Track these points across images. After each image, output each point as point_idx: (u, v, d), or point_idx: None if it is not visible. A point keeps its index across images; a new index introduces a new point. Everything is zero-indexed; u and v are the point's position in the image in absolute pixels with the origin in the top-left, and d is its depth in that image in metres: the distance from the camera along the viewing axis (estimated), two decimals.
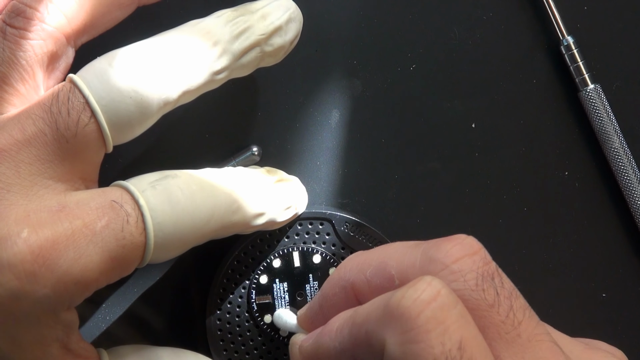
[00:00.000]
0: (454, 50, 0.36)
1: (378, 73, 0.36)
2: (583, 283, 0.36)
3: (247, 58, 0.30)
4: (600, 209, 0.36)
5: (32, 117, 0.27)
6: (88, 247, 0.26)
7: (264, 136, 0.35)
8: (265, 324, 0.34)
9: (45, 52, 0.28)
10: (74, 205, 0.27)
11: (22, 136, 0.27)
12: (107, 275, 0.27)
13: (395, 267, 0.25)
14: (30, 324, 0.26)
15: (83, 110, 0.27)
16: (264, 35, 0.30)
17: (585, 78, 0.35)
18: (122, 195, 0.28)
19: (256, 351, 0.34)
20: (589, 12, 0.36)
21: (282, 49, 0.31)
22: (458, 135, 0.36)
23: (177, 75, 0.28)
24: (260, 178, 0.32)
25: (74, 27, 0.29)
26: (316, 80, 0.35)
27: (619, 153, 0.35)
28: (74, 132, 0.27)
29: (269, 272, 0.34)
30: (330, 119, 0.36)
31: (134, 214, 0.27)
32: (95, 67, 0.28)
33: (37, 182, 0.27)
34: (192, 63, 0.29)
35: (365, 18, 0.35)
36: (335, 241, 0.34)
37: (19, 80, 0.28)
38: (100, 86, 0.27)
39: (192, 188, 0.29)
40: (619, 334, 0.36)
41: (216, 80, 0.30)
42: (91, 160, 0.28)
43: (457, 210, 0.36)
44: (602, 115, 0.35)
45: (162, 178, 0.29)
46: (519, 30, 0.36)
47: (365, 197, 0.36)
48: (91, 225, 0.26)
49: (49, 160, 0.27)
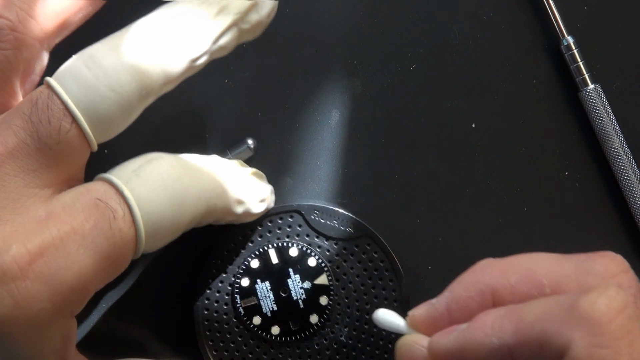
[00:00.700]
0: (454, 50, 0.36)
1: (378, 73, 0.36)
2: None
3: (225, 39, 0.29)
4: (600, 209, 0.36)
5: (12, 128, 0.26)
6: (79, 252, 0.26)
7: (264, 136, 0.35)
8: (255, 326, 0.33)
9: (19, 61, 0.28)
10: (61, 210, 0.26)
11: (3, 149, 0.26)
12: (103, 275, 0.27)
13: (546, 276, 0.25)
14: (29, 339, 0.26)
15: (63, 117, 0.26)
16: (240, 13, 0.29)
17: (585, 78, 0.35)
18: (106, 191, 0.27)
19: (251, 355, 0.34)
20: (589, 12, 0.36)
21: (259, 25, 0.30)
22: (458, 135, 0.36)
23: (156, 66, 0.28)
24: (237, 168, 0.32)
25: (46, 30, 0.28)
26: (316, 80, 0.35)
27: (619, 153, 0.35)
28: (56, 139, 0.26)
29: (249, 274, 0.33)
30: (330, 119, 0.36)
31: (119, 209, 0.27)
32: (71, 68, 0.27)
33: (24, 193, 0.26)
34: (171, 51, 0.28)
35: (365, 18, 0.35)
36: (308, 231, 0.34)
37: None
38: (78, 89, 0.27)
39: (178, 170, 0.28)
40: None
41: (196, 66, 0.29)
42: (77, 162, 0.28)
43: (457, 210, 0.36)
44: (602, 115, 0.35)
45: (146, 163, 0.28)
46: (519, 30, 0.36)
47: (365, 197, 0.36)
48: (79, 229, 0.26)
49: (34, 169, 0.27)
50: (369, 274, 0.34)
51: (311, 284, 0.33)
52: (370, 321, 0.34)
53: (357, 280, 0.34)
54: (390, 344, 0.34)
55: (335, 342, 0.34)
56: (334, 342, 0.34)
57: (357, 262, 0.34)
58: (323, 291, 0.34)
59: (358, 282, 0.34)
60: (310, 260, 0.34)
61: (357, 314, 0.34)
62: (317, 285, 0.34)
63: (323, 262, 0.34)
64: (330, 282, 0.34)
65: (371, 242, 0.34)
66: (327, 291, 0.34)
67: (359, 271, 0.34)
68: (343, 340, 0.34)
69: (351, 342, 0.34)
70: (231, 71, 0.35)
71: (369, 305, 0.34)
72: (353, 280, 0.34)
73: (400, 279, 0.34)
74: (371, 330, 0.34)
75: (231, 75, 0.35)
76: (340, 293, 0.34)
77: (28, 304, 0.25)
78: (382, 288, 0.34)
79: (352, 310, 0.34)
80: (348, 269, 0.34)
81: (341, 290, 0.34)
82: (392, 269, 0.34)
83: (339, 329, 0.34)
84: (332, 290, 0.34)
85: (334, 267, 0.34)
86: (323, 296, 0.34)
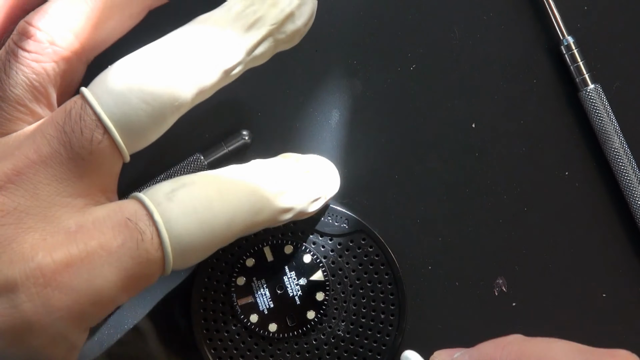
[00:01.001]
0: (454, 50, 0.36)
1: (378, 73, 0.36)
2: (583, 283, 0.36)
3: (261, 49, 0.29)
4: (600, 209, 0.36)
5: (46, 137, 0.27)
6: (103, 268, 0.26)
7: (264, 136, 0.35)
8: (253, 324, 0.34)
9: (57, 74, 0.28)
10: (91, 224, 0.27)
11: (37, 157, 0.27)
12: (127, 292, 0.27)
13: None
14: (39, 345, 0.26)
15: (96, 127, 0.27)
16: (276, 24, 0.29)
17: (585, 78, 0.35)
18: (136, 212, 0.27)
19: (250, 352, 0.34)
20: (589, 12, 0.36)
21: (296, 34, 0.30)
22: (458, 135, 0.36)
23: (188, 77, 0.28)
24: (287, 171, 0.31)
25: (84, 44, 0.29)
26: (316, 80, 0.35)
27: (619, 153, 0.35)
28: (88, 149, 0.27)
29: (244, 273, 0.34)
30: (330, 119, 0.36)
31: (148, 231, 0.27)
32: (105, 80, 0.28)
33: (56, 202, 0.27)
34: (203, 63, 0.28)
35: (365, 18, 0.35)
36: (303, 228, 0.34)
37: (34, 101, 0.28)
38: (111, 100, 0.27)
39: (209, 195, 0.28)
40: (619, 334, 0.36)
41: (231, 76, 0.29)
42: (109, 172, 0.28)
43: (457, 210, 0.36)
44: (602, 115, 0.35)
45: (179, 187, 0.28)
46: (519, 30, 0.36)
47: (365, 197, 0.36)
48: (107, 246, 0.26)
49: (66, 178, 0.27)
50: (365, 268, 0.34)
51: (307, 280, 0.34)
52: (367, 315, 0.34)
53: (352, 274, 0.34)
54: (388, 336, 0.34)
55: (333, 337, 0.34)
56: (332, 337, 0.34)
57: (352, 257, 0.34)
58: (319, 287, 0.34)
59: (354, 276, 0.34)
60: (305, 257, 0.34)
61: (353, 308, 0.34)
62: (313, 281, 0.34)
63: (318, 258, 0.34)
64: (325, 277, 0.34)
65: (366, 237, 0.35)
66: (323, 287, 0.34)
67: (354, 266, 0.34)
68: (341, 335, 0.34)
69: (349, 336, 0.34)
70: None
71: (365, 299, 0.34)
72: (349, 275, 0.34)
73: (396, 270, 0.34)
74: (368, 324, 0.34)
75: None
76: (336, 288, 0.34)
77: (46, 311, 0.25)
78: (377, 281, 0.34)
79: (348, 305, 0.34)
80: (344, 264, 0.34)
81: (337, 285, 0.34)
82: (387, 262, 0.34)
83: (336, 324, 0.34)
84: (328, 285, 0.34)
85: (329, 263, 0.34)
86: (319, 292, 0.34)
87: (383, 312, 0.34)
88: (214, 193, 0.28)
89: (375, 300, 0.34)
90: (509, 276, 0.36)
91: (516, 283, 0.36)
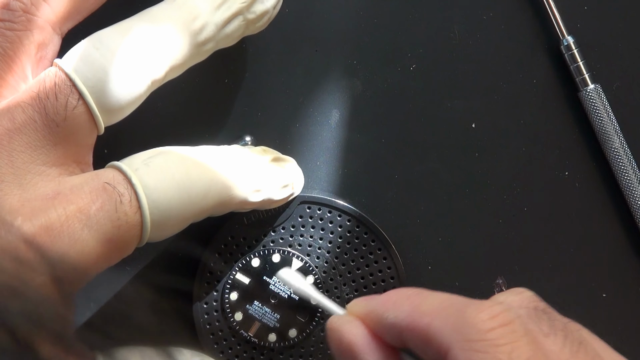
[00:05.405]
0: (454, 50, 0.36)
1: (378, 73, 0.36)
2: (583, 283, 0.36)
3: (231, 27, 0.30)
4: (600, 209, 0.36)
5: (21, 105, 0.27)
6: (83, 232, 0.26)
7: (264, 136, 0.35)
8: (251, 336, 0.34)
9: (31, 42, 0.28)
10: (68, 190, 0.27)
11: (12, 125, 0.27)
12: (105, 258, 0.27)
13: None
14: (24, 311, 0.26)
15: (71, 93, 0.27)
16: (245, 2, 0.30)
17: (585, 78, 0.35)
18: (114, 176, 0.28)
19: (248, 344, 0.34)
20: (589, 12, 0.36)
21: (265, 15, 0.31)
22: (458, 135, 0.36)
23: (161, 51, 0.28)
24: (255, 156, 0.32)
25: (59, 14, 0.29)
26: (316, 80, 0.35)
27: (619, 153, 0.35)
28: (63, 115, 0.27)
29: (237, 289, 0.34)
30: (330, 119, 0.36)
31: (127, 193, 0.27)
32: (80, 50, 0.28)
33: (31, 169, 0.27)
34: (175, 38, 0.29)
35: (365, 18, 0.35)
36: (297, 223, 0.34)
37: (7, 71, 0.28)
38: (86, 68, 0.27)
39: (186, 163, 0.29)
40: (619, 334, 0.36)
41: (202, 52, 0.30)
42: (83, 142, 0.28)
43: (457, 210, 0.36)
44: (602, 115, 0.35)
45: (156, 155, 0.29)
46: (519, 30, 0.36)
47: (365, 197, 0.36)
48: (85, 209, 0.26)
49: (41, 146, 0.27)
50: (370, 269, 0.34)
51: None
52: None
53: (352, 274, 0.34)
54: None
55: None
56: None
57: (351, 260, 0.34)
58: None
59: (354, 266, 0.34)
60: (294, 262, 0.34)
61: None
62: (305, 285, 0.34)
63: (307, 262, 0.34)
64: (318, 280, 0.34)
65: (368, 232, 0.35)
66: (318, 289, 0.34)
67: (355, 266, 0.34)
68: None
69: None
70: (231, 71, 0.35)
71: (364, 290, 0.34)
72: (345, 273, 0.34)
73: (396, 260, 0.34)
74: None
75: (231, 75, 0.35)
76: (332, 290, 0.34)
77: (29, 276, 0.25)
78: (377, 269, 0.34)
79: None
80: (341, 261, 0.34)
81: (329, 280, 0.34)
82: (390, 255, 0.34)
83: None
84: (321, 287, 0.34)
85: (326, 261, 0.34)
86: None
87: None
88: (190, 163, 0.29)
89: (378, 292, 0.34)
90: (509, 276, 0.36)
91: (516, 283, 0.36)
